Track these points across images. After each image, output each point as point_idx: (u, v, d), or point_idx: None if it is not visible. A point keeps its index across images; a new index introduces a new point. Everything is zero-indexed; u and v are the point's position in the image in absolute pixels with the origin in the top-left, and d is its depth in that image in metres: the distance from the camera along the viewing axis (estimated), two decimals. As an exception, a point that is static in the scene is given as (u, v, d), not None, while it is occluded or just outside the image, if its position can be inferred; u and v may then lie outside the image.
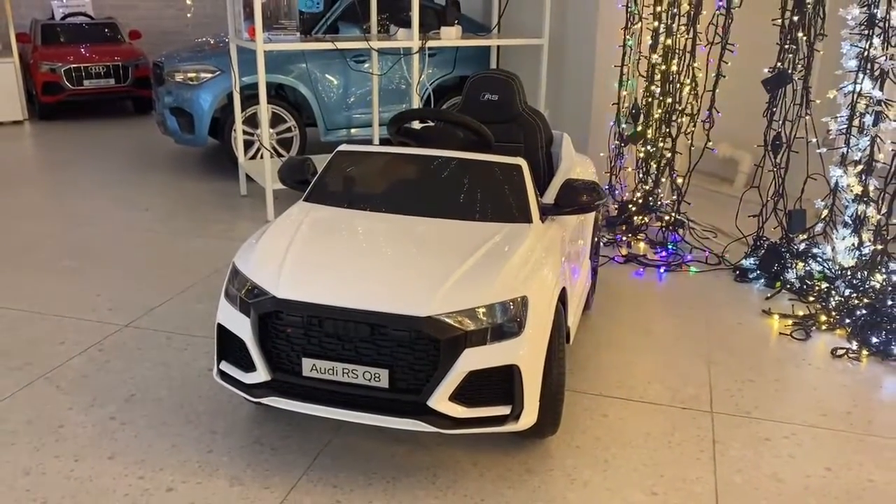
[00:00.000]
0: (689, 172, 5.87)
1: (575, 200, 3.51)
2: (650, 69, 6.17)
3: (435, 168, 3.76)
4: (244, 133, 7.19)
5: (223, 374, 3.16)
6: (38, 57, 10.84)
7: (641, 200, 6.28)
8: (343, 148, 3.93)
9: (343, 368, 2.88)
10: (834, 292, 4.76)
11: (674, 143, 6.03)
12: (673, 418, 3.57)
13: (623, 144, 6.42)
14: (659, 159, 6.19)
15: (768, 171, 5.29)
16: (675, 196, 5.95)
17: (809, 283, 4.98)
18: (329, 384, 2.91)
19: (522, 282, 3.00)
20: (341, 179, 3.83)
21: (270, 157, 6.40)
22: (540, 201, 3.61)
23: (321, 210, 3.62)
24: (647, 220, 6.16)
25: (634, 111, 6.24)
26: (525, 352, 2.89)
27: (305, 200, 3.72)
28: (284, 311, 2.91)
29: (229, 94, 7.23)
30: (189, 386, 3.74)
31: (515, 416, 2.92)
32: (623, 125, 6.37)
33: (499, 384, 2.89)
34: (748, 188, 5.58)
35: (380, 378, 2.86)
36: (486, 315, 2.87)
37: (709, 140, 5.64)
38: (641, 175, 6.39)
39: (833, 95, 4.85)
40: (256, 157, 7.31)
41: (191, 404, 3.58)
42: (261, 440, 3.31)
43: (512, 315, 2.90)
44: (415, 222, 3.45)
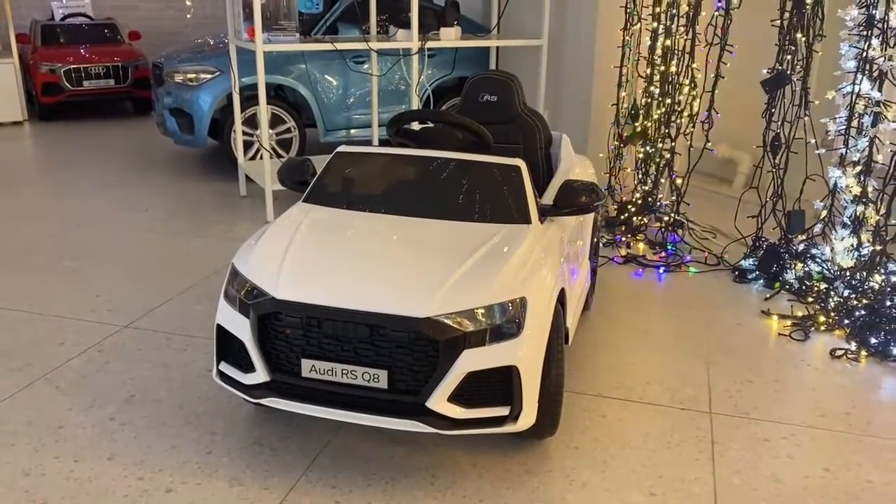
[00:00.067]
0: (689, 173, 5.87)
1: (574, 201, 3.51)
2: (650, 70, 6.17)
3: (434, 169, 3.77)
4: (244, 134, 7.20)
5: (222, 375, 3.17)
6: (38, 58, 10.85)
7: (641, 201, 6.29)
8: (342, 149, 3.93)
9: (342, 369, 2.88)
10: (833, 293, 4.77)
11: (673, 144, 6.03)
12: (672, 419, 3.57)
13: (622, 145, 6.43)
14: (658, 160, 6.20)
15: (767, 172, 5.29)
16: (675, 197, 5.96)
17: (808, 284, 4.98)
18: (328, 385, 2.92)
19: (521, 283, 3.00)
20: (340, 180, 3.83)
21: (270, 158, 6.41)
22: (539, 202, 3.61)
23: (320, 211, 3.62)
24: (647, 221, 6.16)
25: (633, 112, 6.25)
26: (524, 353, 2.90)
27: (305, 201, 3.73)
28: (283, 312, 2.92)
29: (229, 95, 7.24)
30: (188, 387, 3.74)
31: (514, 417, 2.92)
32: (622, 126, 6.37)
33: (497, 385, 2.89)
34: (747, 189, 5.58)
35: (379, 379, 2.86)
36: (485, 316, 2.87)
37: (708, 141, 5.65)
38: (640, 176, 6.40)
39: (832, 96, 4.85)
40: (256, 158, 7.32)
41: (190, 405, 3.58)
42: (260, 441, 3.31)
43: (511, 316, 2.90)
44: (414, 223, 3.45)
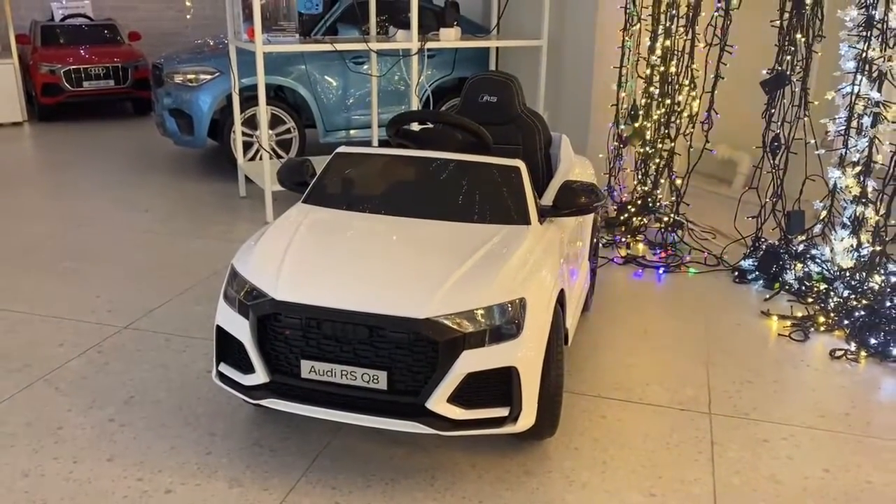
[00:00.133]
0: (688, 173, 5.87)
1: (573, 202, 3.51)
2: (649, 71, 6.18)
3: (433, 170, 3.77)
4: (243, 134, 7.20)
5: (222, 376, 3.17)
6: (38, 58, 10.84)
7: (640, 201, 6.29)
8: (342, 150, 3.93)
9: (341, 370, 2.88)
10: (832, 293, 4.76)
11: (673, 145, 6.03)
12: (671, 420, 3.57)
13: (622, 146, 6.43)
14: (658, 160, 6.20)
15: (767, 173, 5.29)
16: (674, 197, 5.96)
17: (808, 285, 4.98)
18: (328, 386, 2.92)
19: (521, 283, 3.00)
20: (340, 181, 3.83)
21: (269, 159, 6.41)
22: (538, 203, 3.61)
23: (320, 212, 3.62)
24: (646, 222, 6.17)
25: (633, 112, 6.25)
26: (523, 353, 2.90)
27: (304, 202, 3.73)
28: (283, 313, 2.92)
29: (228, 96, 7.24)
30: (188, 388, 3.74)
31: (514, 418, 2.92)
32: (622, 126, 6.37)
33: (497, 386, 2.89)
34: (747, 189, 5.58)
35: (378, 380, 2.86)
36: (485, 317, 2.87)
37: (707, 141, 5.65)
38: (640, 176, 6.40)
39: (831, 97, 4.86)
40: (256, 159, 7.32)
41: (190, 406, 3.58)
42: (260, 442, 3.31)
43: (510, 317, 2.90)
44: (413, 224, 3.45)
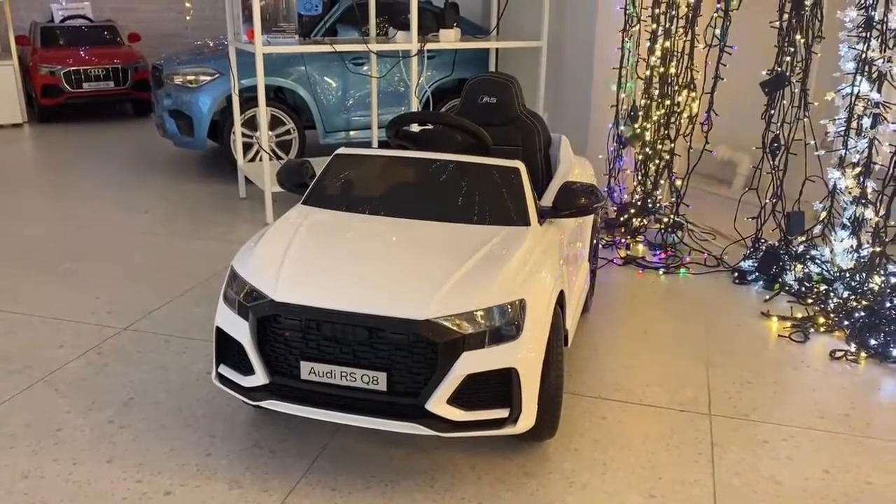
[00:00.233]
0: (688, 174, 5.87)
1: (573, 203, 3.51)
2: (649, 72, 6.18)
3: (433, 171, 3.77)
4: (243, 136, 7.20)
5: (222, 378, 3.17)
6: (38, 59, 10.84)
7: (640, 202, 6.29)
8: (342, 151, 3.93)
9: (341, 372, 2.88)
10: (832, 294, 4.76)
11: (672, 146, 6.03)
12: (671, 421, 3.57)
13: (622, 147, 6.43)
14: (658, 161, 6.20)
15: (767, 174, 5.29)
16: (674, 198, 5.95)
17: (808, 286, 4.98)
18: (327, 387, 2.92)
19: (520, 285, 3.00)
20: (340, 182, 3.83)
21: (269, 160, 6.41)
22: (538, 204, 3.61)
23: (319, 213, 3.62)
24: (646, 223, 6.16)
25: (633, 113, 6.25)
26: (523, 355, 2.89)
27: (304, 203, 3.73)
28: (282, 315, 2.92)
29: (228, 97, 7.24)
30: (187, 389, 3.74)
31: (513, 420, 2.92)
32: (622, 127, 6.37)
33: (497, 387, 2.89)
34: (747, 190, 5.58)
35: (378, 381, 2.86)
36: (484, 318, 2.87)
37: (707, 142, 5.65)
38: (640, 177, 6.39)
39: (831, 98, 4.85)
40: (255, 160, 7.32)
41: (189, 408, 3.58)
42: (259, 443, 3.31)
43: (510, 318, 2.90)
44: (413, 225, 3.45)
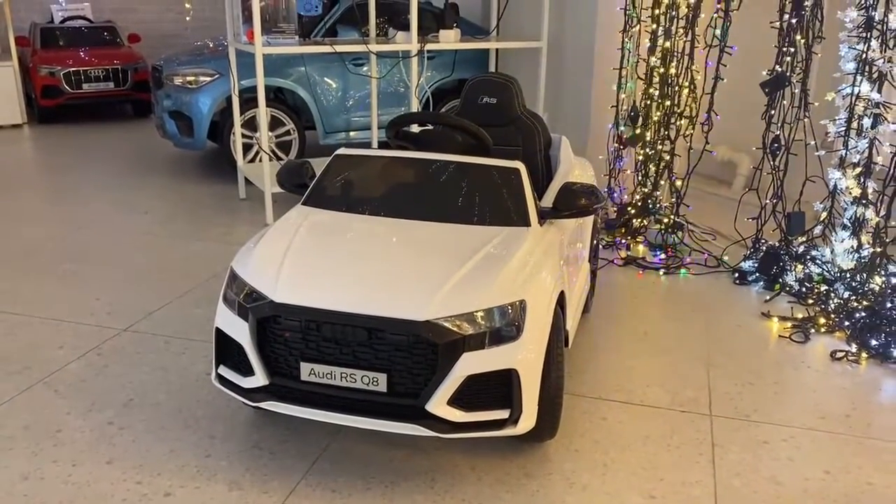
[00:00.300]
0: (688, 175, 5.87)
1: (573, 204, 3.50)
2: (649, 72, 6.17)
3: (433, 172, 3.76)
4: (243, 136, 7.20)
5: (221, 379, 3.16)
6: (38, 60, 10.84)
7: (640, 203, 6.28)
8: (341, 151, 3.92)
9: (341, 373, 2.88)
10: (833, 295, 4.76)
11: (672, 146, 6.03)
12: (672, 421, 3.56)
13: (622, 147, 6.42)
14: (658, 162, 6.19)
15: (767, 174, 5.29)
16: (674, 199, 5.95)
17: (808, 286, 4.98)
18: (327, 388, 2.91)
19: (521, 285, 3.00)
20: (340, 183, 3.83)
21: (269, 161, 6.40)
22: (538, 205, 3.61)
23: (319, 214, 3.62)
24: (647, 223, 6.16)
25: (633, 114, 6.24)
26: (523, 356, 2.89)
27: (304, 204, 3.72)
28: (282, 316, 2.91)
29: (228, 98, 7.24)
30: (187, 390, 3.74)
31: (514, 420, 2.91)
32: (622, 128, 6.37)
33: (497, 388, 2.89)
34: (747, 191, 5.58)
35: (378, 382, 2.86)
36: (485, 319, 2.86)
37: (707, 143, 5.64)
38: (640, 178, 6.39)
39: (831, 98, 4.85)
40: (255, 161, 7.32)
41: (189, 409, 3.57)
42: (259, 444, 3.31)
43: (510, 319, 2.90)
44: (413, 226, 3.45)
